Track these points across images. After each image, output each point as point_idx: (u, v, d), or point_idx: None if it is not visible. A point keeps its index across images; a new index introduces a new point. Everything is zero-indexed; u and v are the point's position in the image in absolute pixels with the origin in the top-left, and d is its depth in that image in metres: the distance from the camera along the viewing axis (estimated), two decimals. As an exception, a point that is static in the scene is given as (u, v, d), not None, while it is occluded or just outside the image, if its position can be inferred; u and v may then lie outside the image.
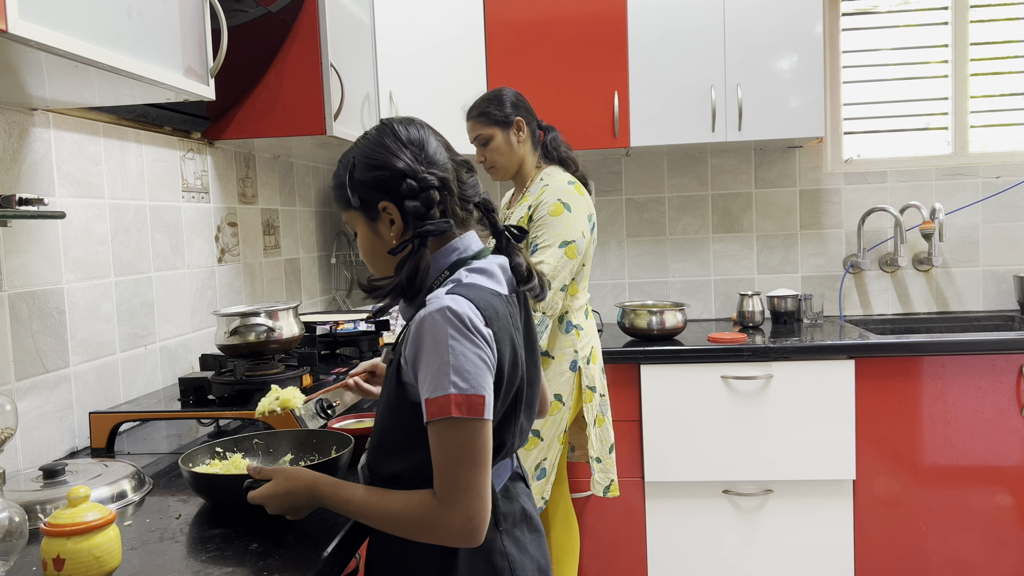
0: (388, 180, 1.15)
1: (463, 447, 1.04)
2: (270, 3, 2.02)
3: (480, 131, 2.30)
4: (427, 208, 1.15)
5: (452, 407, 1.03)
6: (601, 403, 2.34)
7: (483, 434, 1.05)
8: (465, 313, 1.06)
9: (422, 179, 1.15)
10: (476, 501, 1.04)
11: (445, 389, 1.03)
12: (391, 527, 1.09)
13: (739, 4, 2.84)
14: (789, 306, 3.12)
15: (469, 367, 1.04)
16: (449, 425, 1.04)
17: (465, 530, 1.04)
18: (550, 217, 2.20)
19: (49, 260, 1.61)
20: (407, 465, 1.13)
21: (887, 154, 3.26)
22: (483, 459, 1.05)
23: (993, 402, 2.61)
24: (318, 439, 1.41)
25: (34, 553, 1.10)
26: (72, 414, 1.66)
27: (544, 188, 2.25)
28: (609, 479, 2.36)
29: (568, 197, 2.21)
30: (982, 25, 3.17)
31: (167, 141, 2.05)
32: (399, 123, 1.20)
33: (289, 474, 1.15)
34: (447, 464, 1.04)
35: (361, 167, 1.17)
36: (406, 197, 1.15)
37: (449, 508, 1.04)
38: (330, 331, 2.24)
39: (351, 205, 1.19)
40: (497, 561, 1.17)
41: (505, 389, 1.12)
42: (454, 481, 1.04)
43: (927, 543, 2.66)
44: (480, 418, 1.04)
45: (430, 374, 1.05)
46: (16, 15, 1.02)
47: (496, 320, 1.11)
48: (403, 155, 1.16)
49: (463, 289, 1.11)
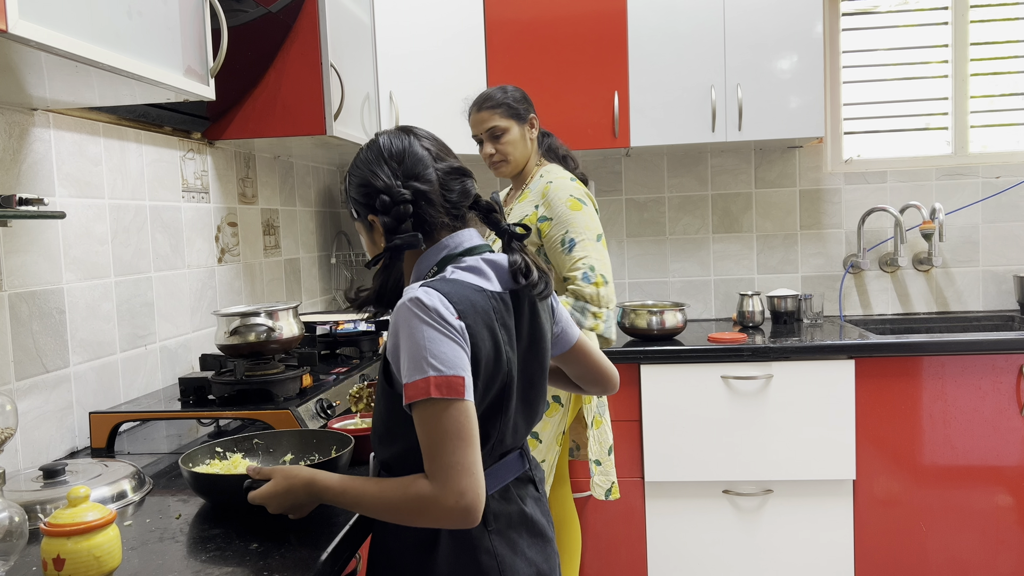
0: (370, 196, 1.22)
1: (446, 426, 1.06)
2: (270, 3, 2.02)
3: (497, 122, 2.24)
4: (398, 222, 1.20)
5: (432, 388, 1.05)
6: (599, 404, 2.31)
7: (465, 412, 1.07)
8: (433, 304, 1.09)
9: (395, 194, 1.20)
10: (466, 477, 1.05)
11: (424, 372, 1.06)
12: (389, 514, 1.10)
13: (739, 4, 2.84)
14: (789, 306, 3.12)
15: (445, 350, 1.07)
16: (430, 406, 1.06)
17: (459, 507, 1.05)
18: (571, 212, 2.16)
19: (49, 260, 1.61)
20: (393, 452, 1.18)
21: (887, 154, 3.26)
22: (468, 436, 1.07)
23: (993, 402, 2.61)
24: (318, 439, 1.42)
25: (34, 553, 1.10)
26: (72, 414, 1.66)
27: (548, 185, 2.21)
28: (610, 482, 2.33)
29: (579, 194, 2.20)
30: (982, 25, 3.17)
31: (167, 141, 2.05)
32: (386, 136, 1.25)
33: (288, 473, 1.16)
34: (433, 444, 1.06)
35: (352, 183, 1.25)
36: (379, 212, 1.20)
37: (440, 487, 1.05)
38: (330, 331, 2.24)
39: (352, 217, 1.28)
40: (484, 559, 1.17)
41: (484, 383, 1.14)
42: (441, 460, 1.06)
43: (927, 543, 2.66)
44: (460, 399, 1.07)
45: (407, 360, 1.08)
46: (16, 15, 1.02)
47: (471, 314, 1.12)
48: (381, 172, 1.22)
49: (439, 283, 1.14)
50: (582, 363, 1.42)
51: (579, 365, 1.42)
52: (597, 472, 2.31)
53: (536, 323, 1.25)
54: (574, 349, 1.40)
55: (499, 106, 2.25)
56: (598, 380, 1.45)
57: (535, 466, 1.33)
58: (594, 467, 2.31)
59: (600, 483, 2.32)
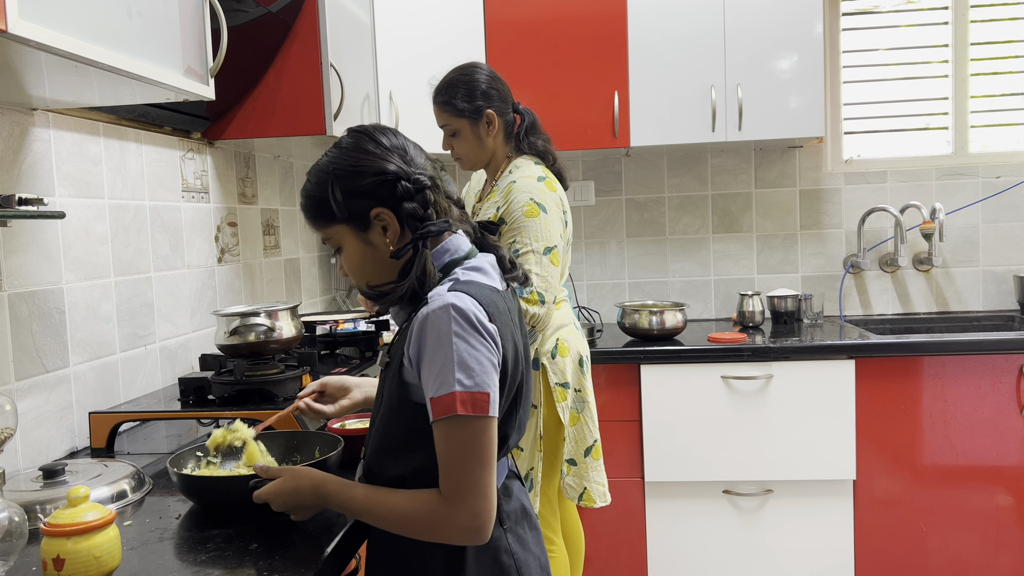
0: (380, 185, 1.13)
1: (469, 445, 1.04)
2: (270, 3, 2.02)
3: (447, 121, 2.11)
4: (424, 208, 1.14)
5: (458, 404, 1.03)
6: (576, 399, 2.13)
7: (488, 431, 1.06)
8: (470, 310, 1.06)
9: (416, 180, 1.14)
10: (482, 499, 1.05)
11: (450, 387, 1.03)
12: (397, 526, 1.09)
13: (739, 4, 2.84)
14: (789, 306, 3.12)
15: (474, 364, 1.04)
16: (455, 423, 1.04)
17: (472, 528, 1.05)
18: (526, 219, 1.98)
19: (49, 260, 1.61)
20: (411, 466, 1.13)
21: (887, 154, 3.26)
22: (489, 457, 1.06)
23: (993, 402, 2.61)
24: (318, 439, 1.41)
25: (34, 553, 1.10)
26: (72, 414, 1.66)
27: (511, 184, 2.04)
28: (583, 486, 2.13)
29: (540, 196, 2.01)
30: (982, 25, 3.17)
31: (167, 141, 2.05)
32: (376, 130, 1.18)
33: (297, 473, 1.15)
34: (453, 462, 1.05)
35: (345, 177, 1.14)
36: (403, 199, 1.13)
37: (455, 506, 1.04)
38: (330, 331, 2.24)
39: (336, 219, 1.15)
40: (503, 559, 1.18)
41: (508, 384, 1.13)
42: (460, 479, 1.04)
43: (927, 543, 2.66)
44: (486, 415, 1.05)
45: (434, 372, 1.05)
46: (16, 15, 1.02)
47: (498, 316, 1.11)
48: (391, 158, 1.15)
49: (464, 286, 1.11)
50: None
51: None
52: (570, 473, 2.14)
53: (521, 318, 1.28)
54: None
55: (447, 105, 2.10)
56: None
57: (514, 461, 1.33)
58: (567, 467, 2.14)
59: (572, 485, 2.15)
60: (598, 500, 2.17)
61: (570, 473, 2.15)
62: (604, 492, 2.19)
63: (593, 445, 2.16)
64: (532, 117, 2.19)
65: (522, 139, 2.17)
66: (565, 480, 2.16)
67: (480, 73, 2.12)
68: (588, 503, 2.15)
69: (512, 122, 2.17)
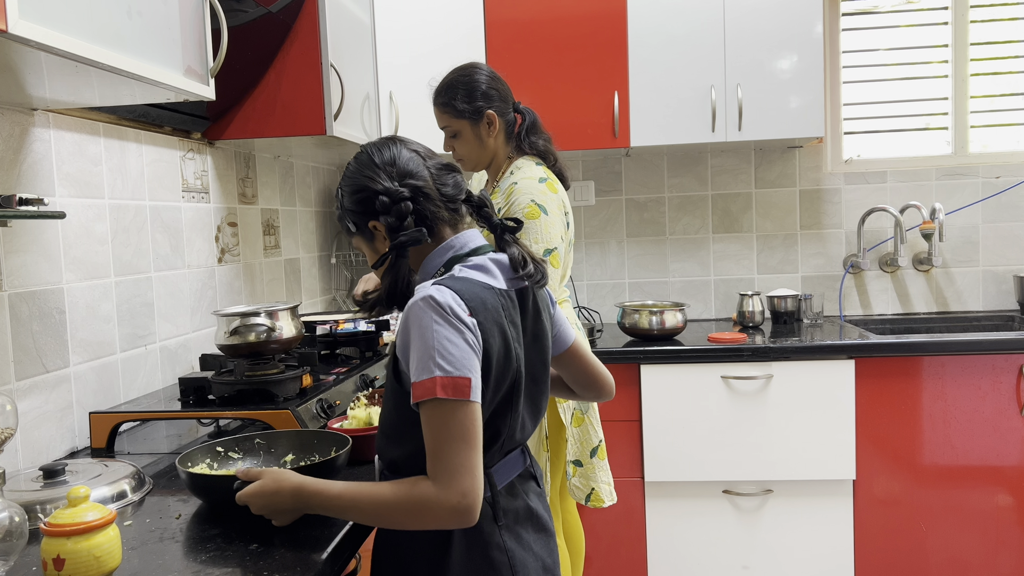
0: (369, 201, 1.23)
1: (452, 427, 1.07)
2: (270, 3, 2.02)
3: (447, 122, 2.10)
4: (400, 220, 1.21)
5: (438, 388, 1.06)
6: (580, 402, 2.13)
7: (471, 414, 1.08)
8: (446, 302, 1.10)
9: (393, 193, 1.21)
10: (469, 478, 1.07)
11: (431, 372, 1.07)
12: (384, 518, 1.10)
13: (739, 4, 2.84)
14: (789, 306, 3.12)
15: (453, 350, 1.08)
16: (436, 406, 1.07)
17: (461, 507, 1.06)
18: (527, 221, 1.99)
19: (49, 260, 1.61)
20: (403, 451, 1.17)
21: (887, 154, 3.26)
22: (473, 438, 1.08)
23: (993, 402, 2.61)
24: (318, 439, 1.41)
25: (34, 553, 1.10)
26: (72, 414, 1.66)
27: (513, 186, 2.04)
28: (590, 487, 2.14)
29: (542, 197, 2.01)
30: (982, 25, 3.17)
31: (167, 141, 2.05)
32: (373, 147, 1.28)
33: (277, 475, 1.16)
34: (438, 444, 1.07)
35: (347, 195, 1.26)
36: (381, 213, 1.22)
37: (444, 487, 1.06)
38: (330, 331, 2.24)
39: (351, 231, 1.29)
40: (495, 555, 1.19)
41: (496, 380, 1.15)
42: (446, 460, 1.06)
43: (927, 543, 2.66)
44: (466, 400, 1.07)
45: (416, 359, 1.09)
46: (16, 15, 1.02)
47: (483, 311, 1.13)
48: (379, 176, 1.23)
49: (450, 281, 1.15)
50: (577, 365, 1.43)
51: (575, 367, 1.44)
52: (577, 474, 2.15)
53: (539, 321, 1.27)
54: (570, 350, 1.42)
55: (447, 106, 2.09)
56: (593, 384, 1.45)
57: (534, 462, 1.35)
58: (572, 468, 2.15)
59: (579, 486, 2.15)
60: (606, 499, 2.17)
61: (576, 474, 2.16)
62: (611, 491, 2.20)
63: (599, 446, 2.17)
64: (533, 116, 2.19)
65: (523, 139, 2.17)
66: (571, 481, 2.16)
67: (480, 73, 2.11)
68: (596, 503, 2.16)
69: (513, 122, 2.16)
